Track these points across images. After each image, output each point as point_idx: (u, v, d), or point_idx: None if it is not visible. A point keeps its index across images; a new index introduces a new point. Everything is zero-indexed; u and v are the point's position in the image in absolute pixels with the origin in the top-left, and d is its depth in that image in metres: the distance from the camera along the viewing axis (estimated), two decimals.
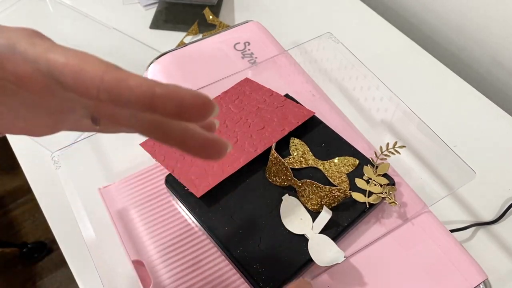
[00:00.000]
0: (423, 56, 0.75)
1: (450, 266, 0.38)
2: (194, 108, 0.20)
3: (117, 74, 0.20)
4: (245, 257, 0.37)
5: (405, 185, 0.43)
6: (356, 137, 0.46)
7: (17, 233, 1.44)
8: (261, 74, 0.53)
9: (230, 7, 0.85)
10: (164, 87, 0.20)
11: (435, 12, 0.80)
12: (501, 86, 0.75)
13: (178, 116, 0.20)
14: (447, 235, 0.40)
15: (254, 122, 0.45)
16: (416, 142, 0.48)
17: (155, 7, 0.85)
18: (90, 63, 0.20)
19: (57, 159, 0.44)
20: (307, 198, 0.40)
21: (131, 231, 0.42)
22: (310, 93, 0.51)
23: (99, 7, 0.84)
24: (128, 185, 0.46)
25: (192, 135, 0.23)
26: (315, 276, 0.38)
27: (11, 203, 1.50)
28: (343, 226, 0.39)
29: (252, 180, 0.42)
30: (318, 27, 0.80)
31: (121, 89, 0.20)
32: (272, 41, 0.58)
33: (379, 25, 0.81)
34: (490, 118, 0.66)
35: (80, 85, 0.20)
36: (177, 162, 0.42)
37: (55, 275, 1.35)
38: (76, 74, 0.20)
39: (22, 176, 0.61)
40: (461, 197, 0.58)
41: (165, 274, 0.40)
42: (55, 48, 0.20)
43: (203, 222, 0.39)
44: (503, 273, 0.51)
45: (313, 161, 0.43)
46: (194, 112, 0.20)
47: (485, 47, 0.74)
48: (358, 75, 0.54)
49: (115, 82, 0.20)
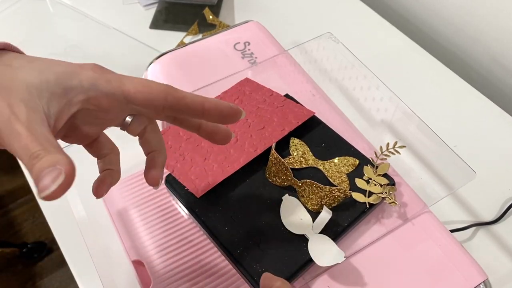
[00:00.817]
0: (423, 56, 0.75)
1: (450, 266, 0.38)
2: (229, 116, 0.30)
3: (176, 94, 0.28)
4: (245, 257, 0.37)
5: (405, 185, 0.43)
6: (356, 137, 0.46)
7: (17, 233, 1.44)
8: (261, 74, 0.53)
9: (230, 7, 0.85)
10: (211, 103, 0.29)
11: (435, 12, 0.80)
12: (501, 86, 0.75)
13: (218, 121, 0.30)
14: (447, 235, 0.40)
15: (254, 122, 0.44)
16: (416, 142, 0.48)
17: (155, 7, 0.85)
18: (154, 89, 0.27)
19: None
20: (307, 198, 0.40)
21: (131, 231, 0.42)
22: (310, 93, 0.51)
23: (99, 7, 0.84)
24: (128, 185, 0.46)
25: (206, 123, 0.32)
26: (315, 276, 0.38)
27: (11, 203, 1.50)
28: (343, 226, 0.39)
29: (252, 180, 0.42)
30: (318, 27, 0.80)
31: (180, 106, 0.28)
32: (272, 41, 0.58)
33: (379, 25, 0.81)
34: (490, 118, 0.67)
35: (150, 105, 0.28)
36: (177, 162, 0.42)
37: (55, 275, 1.35)
38: (146, 99, 0.27)
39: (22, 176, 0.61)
40: (461, 197, 0.58)
41: (165, 274, 0.40)
42: (125, 80, 0.27)
43: (203, 222, 0.39)
44: (503, 273, 0.51)
45: (313, 161, 0.43)
46: (229, 119, 0.30)
47: (485, 47, 0.74)
48: (358, 75, 0.54)
49: (176, 101, 0.28)
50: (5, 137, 0.23)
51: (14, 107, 0.23)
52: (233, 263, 0.38)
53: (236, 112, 0.30)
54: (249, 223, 0.39)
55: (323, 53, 0.57)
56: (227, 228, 0.39)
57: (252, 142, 0.43)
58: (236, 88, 0.49)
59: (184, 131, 0.44)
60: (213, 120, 0.30)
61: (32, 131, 0.23)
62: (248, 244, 0.38)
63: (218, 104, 0.29)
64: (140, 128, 0.31)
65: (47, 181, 0.21)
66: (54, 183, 0.21)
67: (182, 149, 0.42)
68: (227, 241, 0.38)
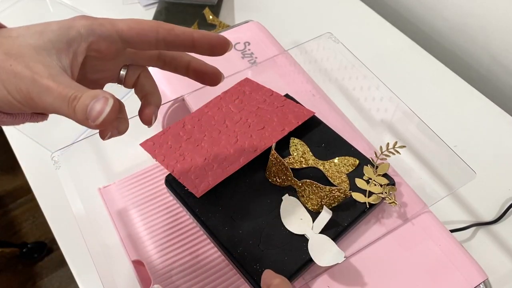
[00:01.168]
0: (423, 56, 0.75)
1: (450, 266, 0.38)
2: (219, 46, 0.30)
3: (166, 26, 0.29)
4: (245, 257, 0.37)
5: (405, 185, 0.43)
6: (356, 137, 0.46)
7: (17, 233, 1.44)
8: (261, 74, 0.53)
9: (230, 7, 0.85)
10: (199, 32, 0.30)
11: (435, 12, 0.80)
12: (501, 86, 0.75)
13: (208, 52, 0.31)
14: (447, 235, 0.40)
15: (254, 122, 0.44)
16: (416, 142, 0.48)
17: (155, 7, 0.85)
18: (145, 24, 0.29)
19: (57, 159, 0.44)
20: (307, 198, 0.40)
21: (131, 231, 0.42)
22: (310, 93, 0.51)
23: (99, 7, 0.84)
24: (128, 185, 0.46)
25: None
26: (315, 276, 0.38)
27: (11, 203, 1.50)
28: (343, 226, 0.39)
29: (252, 180, 0.42)
30: (318, 27, 0.80)
31: (171, 37, 0.29)
32: (272, 41, 0.58)
33: (379, 25, 0.81)
34: (490, 118, 0.67)
35: (143, 41, 0.29)
36: (177, 162, 0.42)
37: (55, 275, 1.35)
38: (139, 34, 0.29)
39: (22, 176, 0.61)
40: (461, 197, 0.58)
41: (165, 274, 0.40)
42: (116, 21, 0.29)
43: (203, 222, 0.39)
44: (503, 273, 0.51)
45: (313, 161, 0.43)
46: (218, 49, 0.30)
47: (485, 47, 0.74)
48: (358, 75, 0.54)
49: (166, 32, 0.29)
50: (35, 96, 0.25)
51: (33, 68, 0.25)
52: (233, 263, 0.38)
53: (224, 42, 0.31)
54: (249, 223, 0.39)
55: (323, 53, 0.57)
56: (227, 228, 0.39)
57: (252, 142, 0.43)
58: (236, 88, 0.49)
59: (184, 131, 0.44)
60: (202, 52, 0.31)
61: (59, 82, 0.25)
62: (248, 244, 0.38)
63: (206, 33, 0.30)
64: (134, 76, 0.32)
65: (98, 108, 0.24)
66: (106, 107, 0.24)
67: (182, 149, 0.42)
68: (227, 241, 0.38)
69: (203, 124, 0.44)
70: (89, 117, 0.24)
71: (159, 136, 0.44)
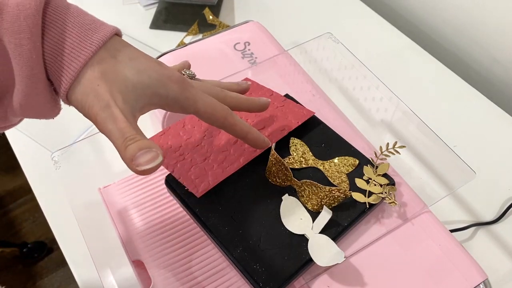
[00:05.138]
0: (423, 56, 0.75)
1: (450, 266, 0.38)
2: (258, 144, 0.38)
3: (231, 120, 0.34)
4: (245, 257, 0.37)
5: (405, 185, 0.43)
6: (356, 137, 0.46)
7: (17, 233, 1.44)
8: (261, 74, 0.53)
9: (230, 7, 0.85)
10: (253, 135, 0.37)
11: (435, 12, 0.80)
12: (501, 86, 0.75)
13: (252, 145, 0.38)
14: (447, 235, 0.40)
15: (254, 122, 0.44)
16: (416, 142, 0.48)
17: (155, 7, 0.85)
18: (218, 112, 0.34)
19: (57, 159, 0.44)
20: (307, 198, 0.40)
21: (131, 231, 0.42)
22: (310, 93, 0.52)
23: (99, 7, 0.84)
24: (128, 185, 0.46)
25: None
26: (315, 276, 0.38)
27: (11, 203, 1.50)
28: (343, 226, 0.39)
29: (252, 180, 0.42)
30: (318, 27, 0.80)
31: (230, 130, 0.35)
32: (272, 41, 0.58)
33: (379, 25, 0.81)
34: (490, 118, 0.67)
35: (210, 122, 0.34)
36: (177, 162, 0.42)
37: (55, 275, 1.35)
38: (209, 118, 0.34)
39: (22, 176, 0.61)
40: (461, 197, 0.58)
41: (165, 274, 0.40)
42: (198, 100, 0.33)
43: (203, 222, 0.39)
44: (503, 273, 0.51)
45: (313, 161, 0.43)
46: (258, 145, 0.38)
47: (485, 47, 0.74)
48: (358, 75, 0.54)
49: (228, 125, 0.35)
50: (99, 118, 0.28)
51: (114, 94, 0.28)
52: (233, 263, 0.38)
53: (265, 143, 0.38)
54: (249, 223, 0.39)
55: (323, 53, 0.57)
56: (227, 228, 0.39)
57: None
58: None
59: (184, 131, 0.44)
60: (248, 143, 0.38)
61: (127, 117, 0.28)
62: (248, 244, 0.38)
63: (257, 137, 0.37)
64: None
65: (146, 158, 0.26)
66: (153, 162, 0.26)
67: (182, 149, 0.42)
68: (227, 241, 0.38)
69: (203, 124, 0.44)
70: (135, 161, 0.26)
71: (159, 136, 0.44)
